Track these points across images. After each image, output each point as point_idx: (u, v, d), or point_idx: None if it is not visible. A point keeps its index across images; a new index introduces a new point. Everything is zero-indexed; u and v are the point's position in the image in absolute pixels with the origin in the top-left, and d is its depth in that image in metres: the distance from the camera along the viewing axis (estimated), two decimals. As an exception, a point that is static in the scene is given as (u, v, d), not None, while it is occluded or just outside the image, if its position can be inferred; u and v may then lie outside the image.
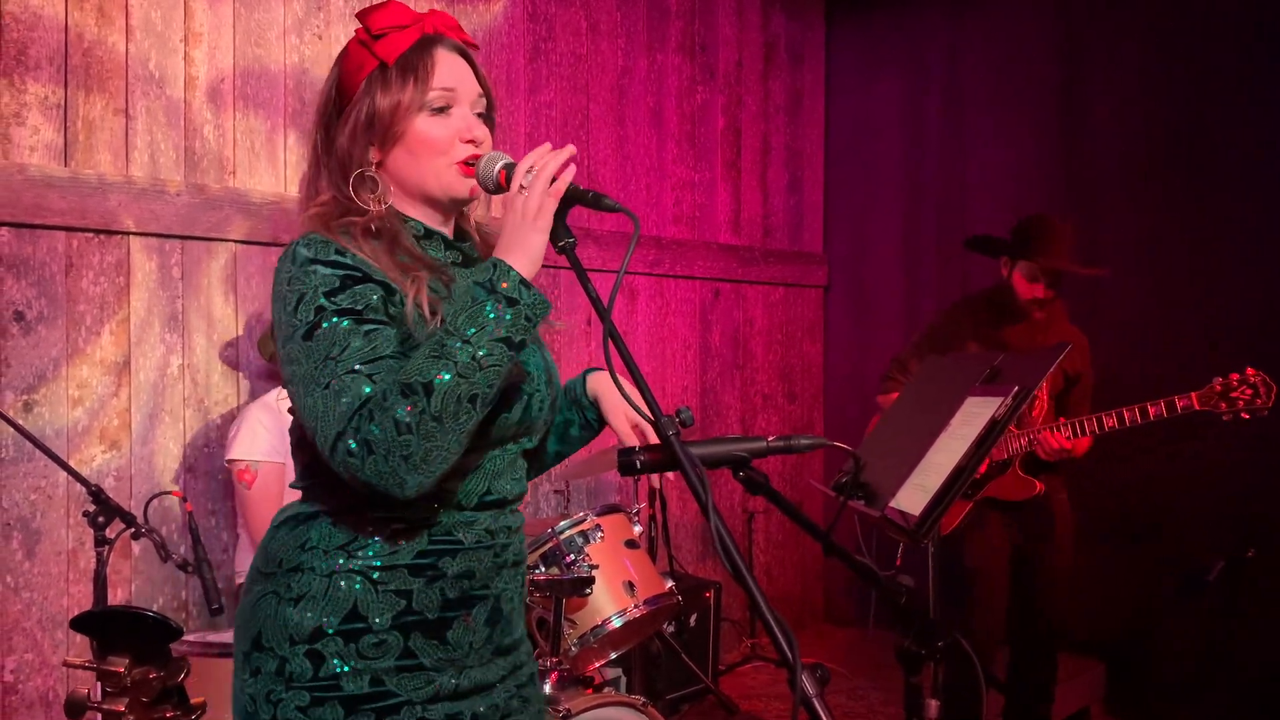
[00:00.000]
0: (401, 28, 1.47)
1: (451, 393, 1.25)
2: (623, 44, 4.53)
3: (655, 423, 1.20)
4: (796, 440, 1.25)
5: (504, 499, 1.49)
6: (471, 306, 1.29)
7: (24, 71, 2.89)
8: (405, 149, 1.46)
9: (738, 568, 1.07)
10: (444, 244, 1.52)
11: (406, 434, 1.24)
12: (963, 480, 1.56)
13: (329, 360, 1.30)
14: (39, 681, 2.91)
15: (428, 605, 1.41)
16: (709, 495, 1.12)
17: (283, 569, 1.43)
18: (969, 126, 5.02)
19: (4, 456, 2.84)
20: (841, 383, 5.45)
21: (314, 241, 1.38)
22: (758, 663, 4.62)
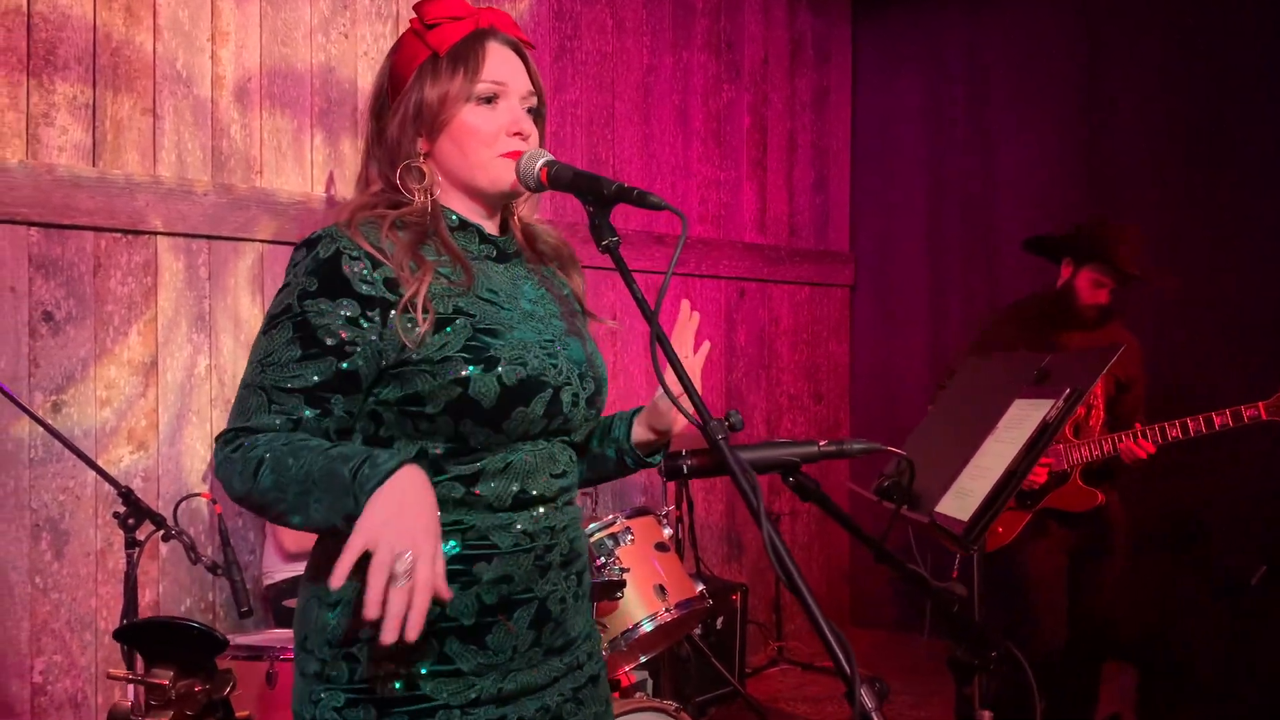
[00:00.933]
0: (456, 19, 1.47)
1: (262, 492, 1.30)
2: (648, 42, 4.50)
3: (703, 426, 1.17)
4: (849, 444, 1.21)
5: (541, 497, 1.45)
6: (345, 483, 1.24)
7: (53, 71, 2.88)
8: (451, 139, 1.45)
9: (792, 578, 1.04)
10: (479, 236, 1.50)
11: (235, 485, 1.33)
12: (1012, 485, 1.52)
13: (261, 364, 1.36)
14: (68, 683, 2.90)
15: (462, 611, 1.39)
16: (761, 503, 1.08)
17: (322, 573, 1.41)
18: (993, 123, 4.97)
19: (33, 457, 2.84)
20: (868, 382, 5.40)
21: (324, 237, 1.39)
22: (785, 665, 4.59)
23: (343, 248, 1.37)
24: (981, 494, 1.54)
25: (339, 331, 1.35)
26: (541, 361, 1.42)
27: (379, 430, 1.41)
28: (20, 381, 2.81)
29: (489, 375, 1.36)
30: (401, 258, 1.38)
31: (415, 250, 1.40)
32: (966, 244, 5.06)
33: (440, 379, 1.36)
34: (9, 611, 2.80)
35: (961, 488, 1.64)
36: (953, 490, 1.66)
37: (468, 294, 1.42)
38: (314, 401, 1.35)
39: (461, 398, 1.36)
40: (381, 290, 1.37)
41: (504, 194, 1.48)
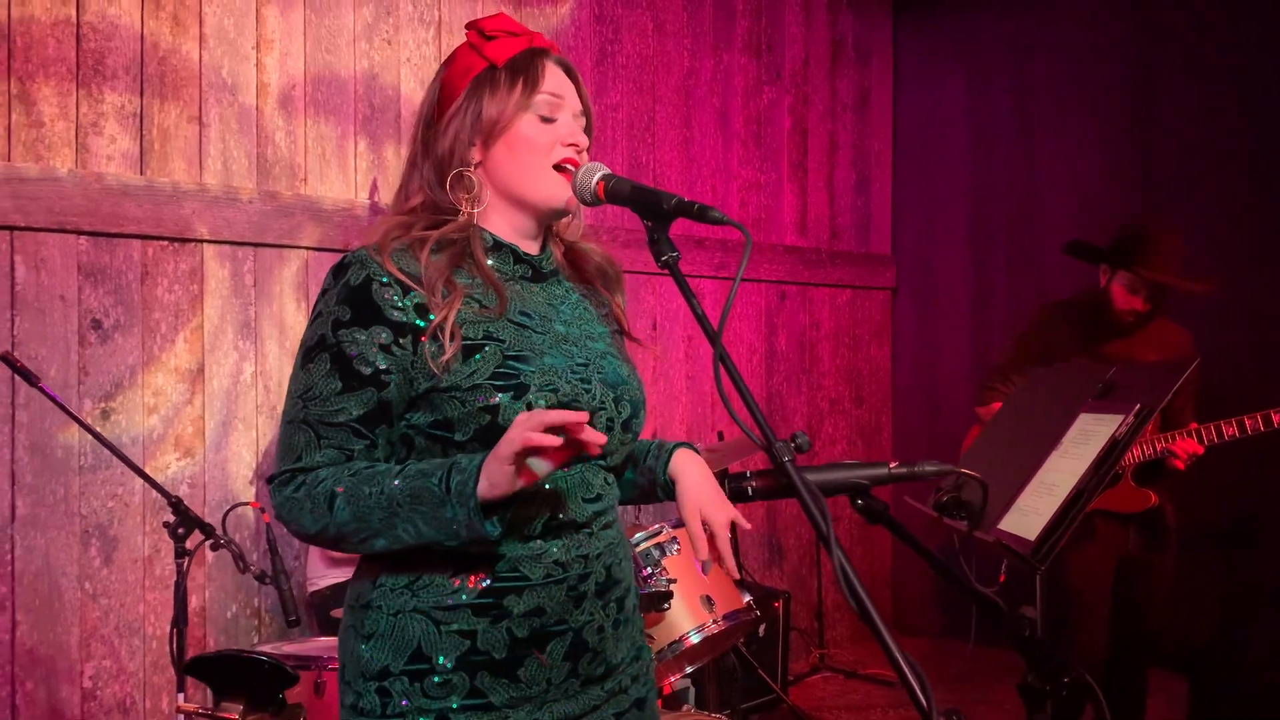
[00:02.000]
0: (513, 35, 1.47)
1: (352, 534, 1.35)
2: (689, 45, 4.47)
3: (769, 448, 1.14)
4: (921, 466, 1.18)
5: (574, 522, 1.42)
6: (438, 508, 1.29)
7: (101, 81, 2.90)
8: (506, 147, 1.44)
9: (866, 610, 1.01)
10: (514, 256, 1.48)
11: (304, 526, 1.36)
12: (1081, 504, 1.48)
13: (301, 399, 1.36)
14: (116, 688, 2.92)
15: (494, 645, 1.37)
16: (830, 527, 1.06)
17: (359, 604, 1.43)
18: (1039, 124, 4.90)
19: (83, 464, 2.86)
20: (910, 386, 5.34)
21: (350, 264, 1.39)
22: (827, 673, 4.55)
23: (372, 274, 1.37)
24: (1048, 512, 1.50)
25: (375, 360, 1.35)
26: (574, 387, 1.40)
27: (410, 454, 1.40)
28: (70, 389, 2.84)
29: (519, 403, 1.35)
30: (434, 282, 1.37)
31: (449, 275, 1.39)
32: (1011, 246, 4.99)
33: (470, 406, 1.35)
34: (59, 617, 2.82)
35: (1026, 505, 1.60)
36: (1016, 507, 1.62)
37: (499, 319, 1.40)
38: (360, 434, 1.37)
39: (491, 425, 1.34)
40: (412, 316, 1.36)
41: (554, 210, 1.47)
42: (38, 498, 2.79)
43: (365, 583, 1.43)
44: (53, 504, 2.81)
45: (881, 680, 4.44)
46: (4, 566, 2.74)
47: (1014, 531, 1.59)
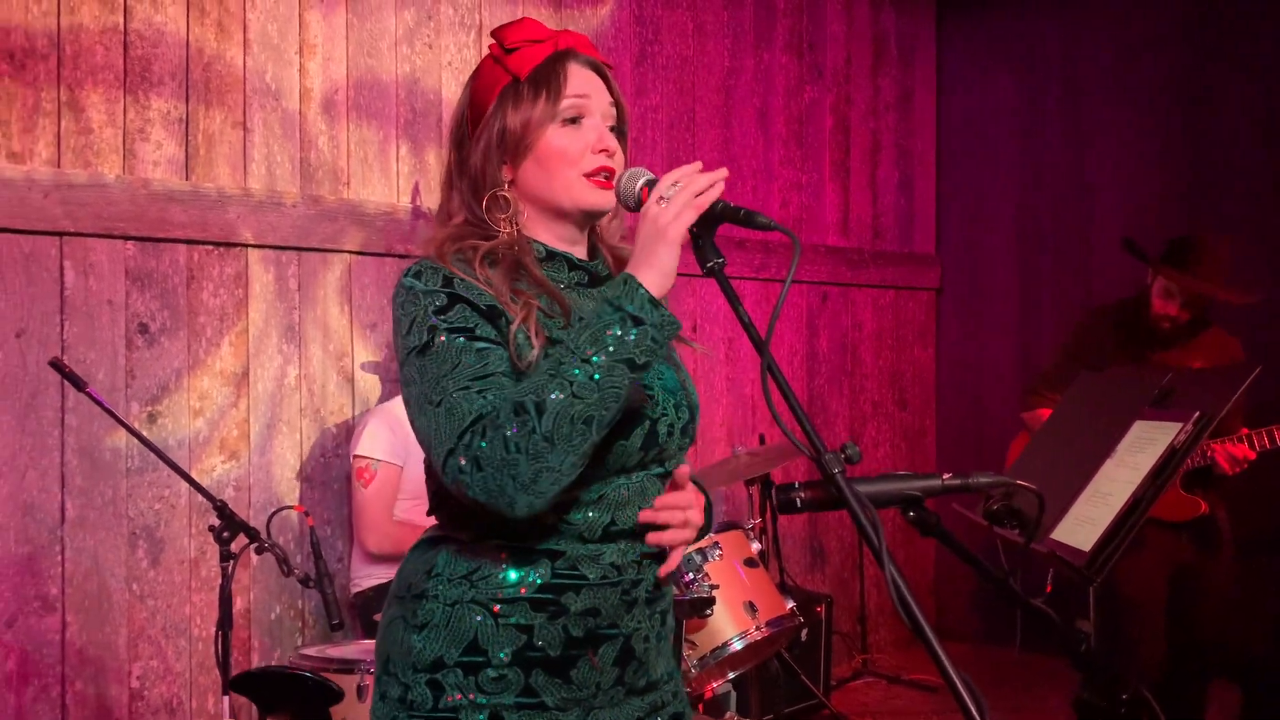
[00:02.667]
0: (535, 42, 1.44)
1: (564, 413, 1.23)
2: (729, 44, 4.45)
3: (818, 458, 1.12)
4: (975, 478, 1.15)
5: (631, 530, 1.42)
6: (595, 325, 1.27)
7: (148, 87, 2.93)
8: (536, 162, 1.43)
9: (919, 626, 0.98)
10: (567, 265, 1.47)
11: (515, 453, 1.23)
12: (1139, 514, 1.44)
13: (441, 378, 1.30)
14: (163, 689, 2.95)
15: (550, 642, 1.36)
16: (883, 541, 1.03)
17: (410, 594, 1.42)
18: (1088, 123, 4.81)
19: (130, 466, 2.89)
20: (954, 389, 5.27)
21: (424, 268, 1.38)
22: (869, 678, 4.50)
23: (447, 274, 1.36)
24: (1104, 522, 1.46)
25: (489, 333, 1.34)
26: (637, 393, 1.39)
27: None
28: (117, 392, 2.87)
29: None
30: (501, 288, 1.37)
31: (510, 285, 1.39)
32: (1059, 246, 4.91)
33: None
34: (107, 617, 2.85)
35: (1080, 514, 1.56)
36: (1070, 517, 1.58)
37: (568, 328, 1.39)
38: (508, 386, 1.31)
39: None
40: (491, 306, 1.35)
41: (590, 213, 1.46)
42: (87, 500, 2.82)
43: (418, 573, 1.42)
44: (101, 506, 2.85)
45: (925, 686, 4.38)
46: (54, 567, 2.77)
47: (1067, 542, 1.55)
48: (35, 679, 2.74)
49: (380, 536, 2.99)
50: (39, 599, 2.75)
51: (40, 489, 2.75)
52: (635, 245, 1.32)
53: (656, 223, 1.29)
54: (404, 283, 1.38)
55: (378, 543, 2.99)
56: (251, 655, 3.11)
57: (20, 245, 2.73)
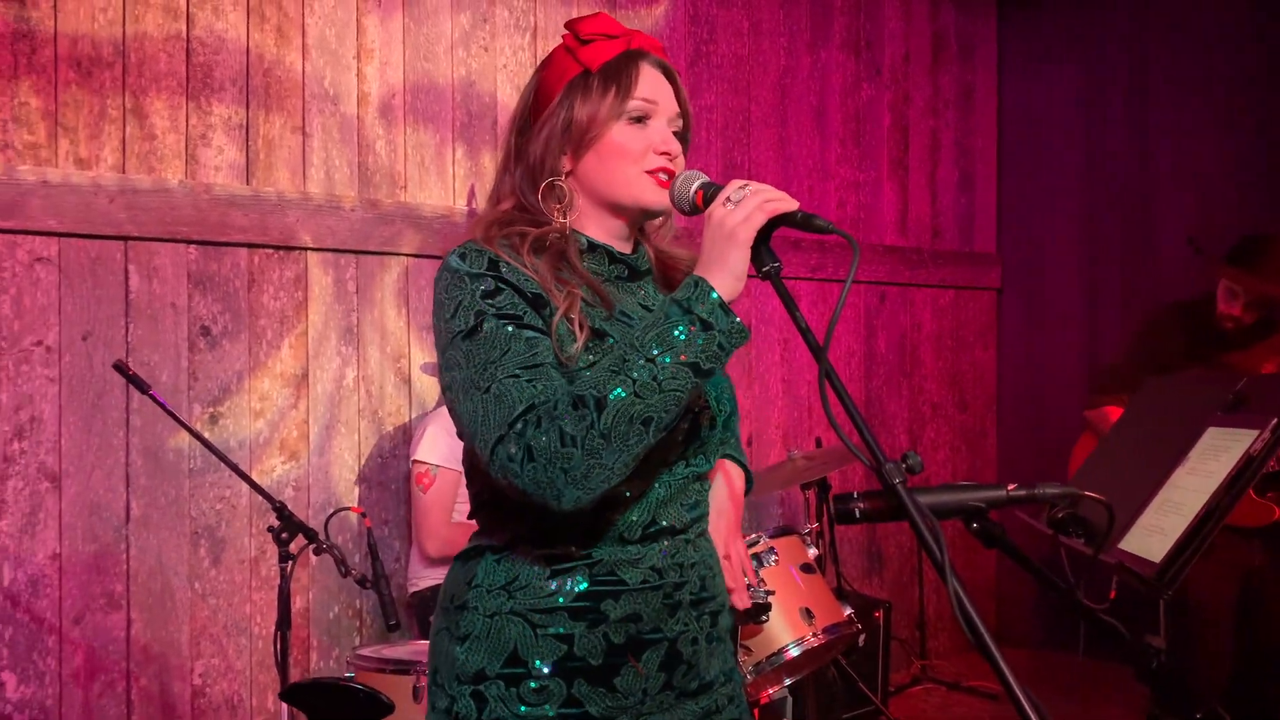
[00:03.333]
0: (609, 37, 1.43)
1: (624, 411, 1.22)
2: (784, 43, 4.41)
3: (878, 468, 1.09)
4: (1041, 489, 1.12)
5: (672, 528, 1.40)
6: (662, 324, 1.25)
7: (209, 94, 2.98)
8: (597, 156, 1.42)
9: (983, 641, 0.95)
10: (608, 257, 1.46)
11: (570, 446, 1.21)
12: (1212, 523, 1.39)
13: (490, 364, 1.28)
14: (224, 686, 3.00)
15: (590, 651, 1.34)
16: (945, 554, 1.00)
17: (454, 605, 1.41)
18: (1155, 119, 4.69)
19: (192, 467, 2.94)
20: (1016, 390, 5.17)
21: (469, 251, 1.36)
22: (928, 685, 4.43)
23: (493, 257, 1.34)
24: (1176, 532, 1.42)
25: (535, 321, 1.31)
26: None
27: None
28: (180, 394, 2.92)
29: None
30: (546, 275, 1.35)
31: (555, 270, 1.37)
32: (1124, 245, 4.79)
33: None
34: (171, 615, 2.90)
35: (1150, 524, 1.51)
36: (1139, 526, 1.53)
37: (609, 319, 1.39)
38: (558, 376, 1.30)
39: None
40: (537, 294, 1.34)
41: (645, 211, 1.44)
42: (150, 500, 2.88)
43: (459, 584, 1.42)
44: (164, 505, 2.90)
45: (985, 693, 4.31)
46: (120, 565, 2.83)
47: (1137, 552, 1.50)
48: (102, 674, 2.80)
49: (440, 541, 3.00)
50: (105, 596, 2.81)
51: (106, 489, 2.81)
52: (702, 249, 1.31)
53: (724, 225, 1.27)
54: (449, 264, 1.36)
55: (438, 547, 3.00)
56: (310, 654, 3.15)
57: (87, 250, 2.79)
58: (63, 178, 2.72)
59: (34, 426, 2.71)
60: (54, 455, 2.74)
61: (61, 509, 2.74)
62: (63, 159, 2.75)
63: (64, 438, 2.75)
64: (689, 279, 1.28)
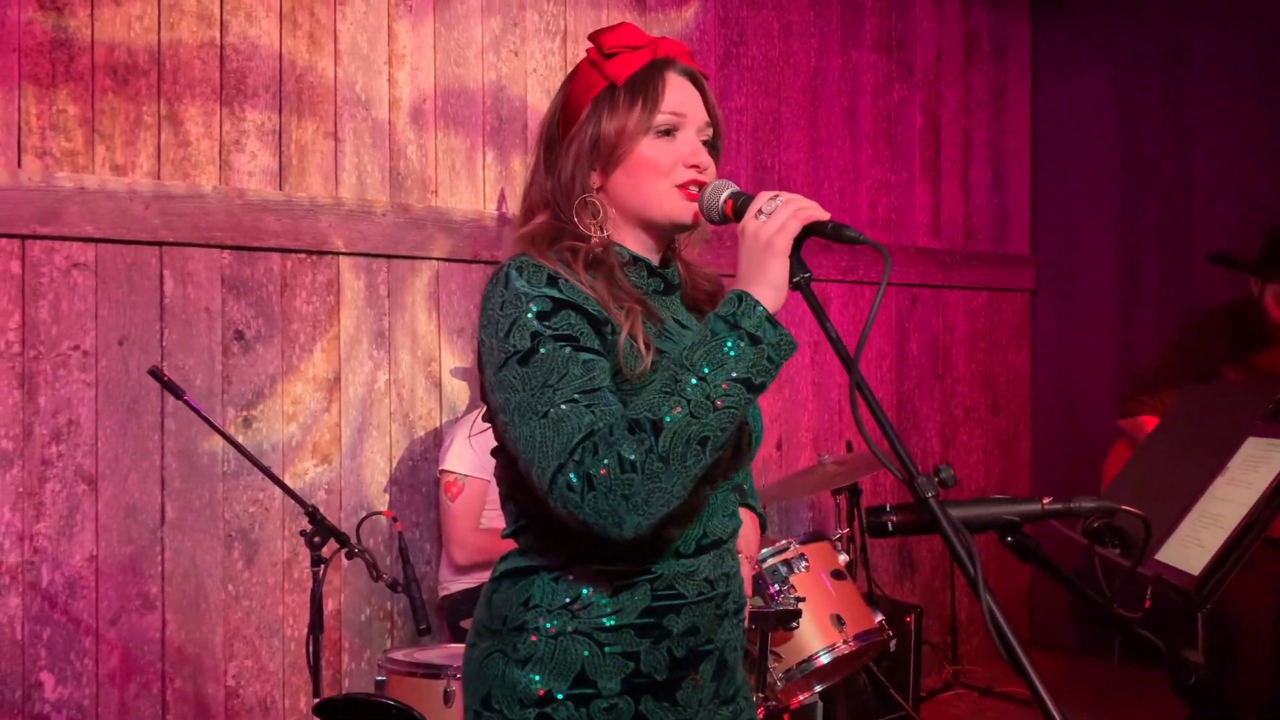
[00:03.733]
0: (634, 49, 1.42)
1: (681, 433, 1.21)
2: (815, 44, 4.38)
3: (910, 482, 1.08)
4: (1077, 502, 1.10)
5: (719, 539, 1.42)
6: (710, 341, 1.24)
7: (243, 100, 3.00)
8: (626, 172, 1.41)
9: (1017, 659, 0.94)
10: (647, 270, 1.45)
11: (630, 472, 1.20)
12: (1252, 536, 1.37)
13: (547, 388, 1.25)
14: (257, 687, 3.02)
15: (656, 666, 1.35)
16: (979, 571, 0.99)
17: (508, 627, 1.38)
18: (1193, 119, 4.62)
19: (226, 470, 2.97)
20: (1050, 393, 5.12)
21: (526, 265, 1.33)
22: (960, 690, 4.40)
23: (552, 274, 1.32)
24: (1214, 545, 1.39)
25: (594, 343, 1.30)
26: None
27: None
28: (214, 398, 2.94)
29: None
30: (604, 294, 1.34)
31: (610, 287, 1.36)
32: (1161, 246, 4.73)
33: None
34: (205, 617, 2.93)
35: (1187, 535, 1.49)
36: (1176, 537, 1.51)
37: (660, 334, 1.38)
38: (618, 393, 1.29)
39: None
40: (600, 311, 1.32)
41: (680, 225, 1.43)
42: (185, 502, 2.91)
43: (512, 605, 1.38)
44: (199, 508, 2.93)
45: (1018, 699, 4.27)
46: (155, 567, 2.86)
47: (1174, 564, 1.48)
48: (138, 675, 2.83)
49: (469, 550, 3.01)
50: (140, 598, 2.84)
51: (141, 491, 2.84)
52: (739, 263, 1.29)
53: (759, 237, 1.27)
54: (508, 279, 1.32)
55: (466, 555, 3.01)
56: (342, 656, 3.17)
57: (123, 255, 2.82)
58: (99, 184, 2.76)
59: (71, 430, 2.75)
60: (91, 458, 2.77)
61: (98, 511, 2.78)
62: (99, 165, 2.79)
63: (100, 441, 2.78)
64: (731, 294, 1.27)
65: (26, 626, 2.68)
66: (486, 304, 1.34)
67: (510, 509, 1.44)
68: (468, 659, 1.44)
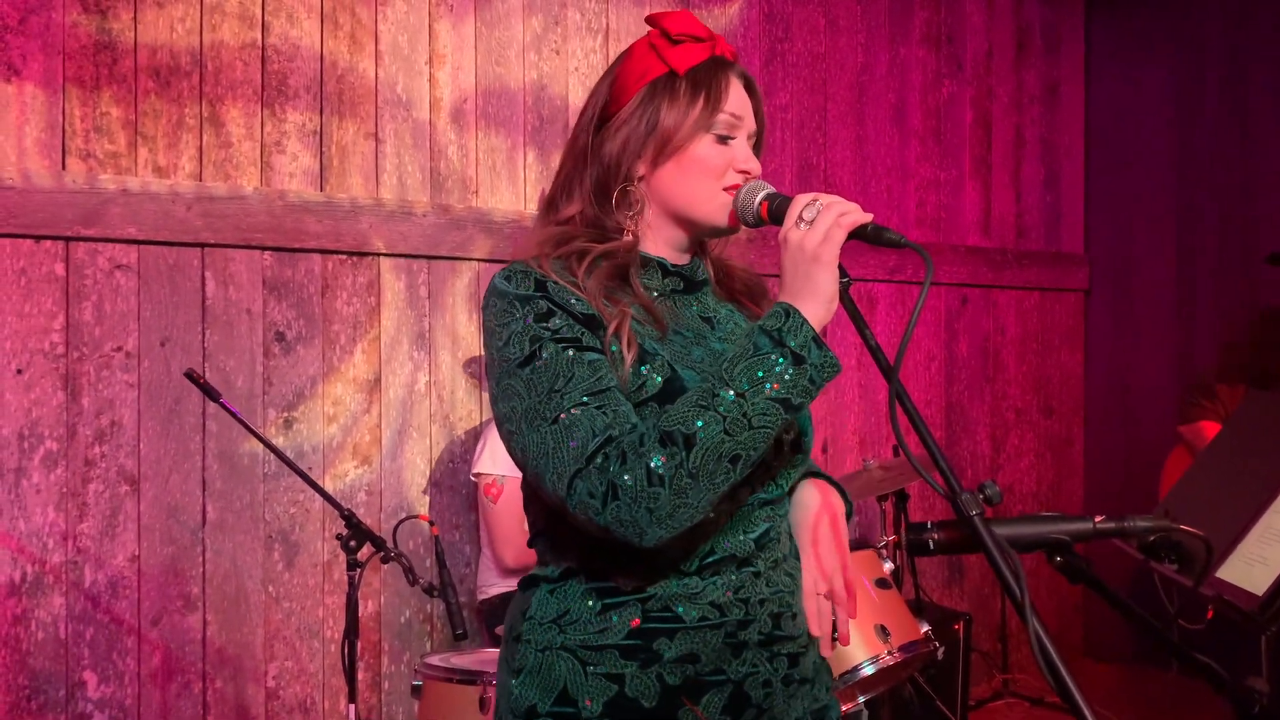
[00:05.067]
0: (698, 40, 1.37)
1: (713, 449, 1.17)
2: (862, 39, 4.31)
3: (953, 498, 1.03)
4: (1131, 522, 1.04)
5: (734, 557, 1.31)
6: (752, 356, 1.19)
7: (284, 101, 3.00)
8: (678, 166, 1.35)
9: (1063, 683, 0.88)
10: (661, 271, 1.39)
11: (657, 486, 1.17)
12: (1320, 557, 1.29)
13: (554, 393, 1.22)
14: (298, 689, 3.02)
15: (643, 693, 1.28)
16: (1026, 592, 0.93)
17: (510, 636, 1.38)
18: (1255, 115, 4.47)
19: (266, 471, 2.97)
20: (1104, 396, 4.98)
21: (515, 273, 1.30)
22: (1010, 699, 4.30)
23: (539, 278, 1.28)
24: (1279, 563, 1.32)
25: (592, 341, 1.26)
26: None
27: None
28: (255, 399, 2.95)
29: None
30: (594, 295, 1.29)
31: (606, 290, 1.31)
32: (1221, 245, 4.58)
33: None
34: (245, 618, 2.94)
35: (1250, 553, 1.41)
36: (1238, 554, 1.43)
37: (663, 340, 1.33)
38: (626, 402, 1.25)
39: None
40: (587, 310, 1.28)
41: (717, 229, 1.39)
42: (226, 503, 2.91)
43: (516, 615, 1.38)
44: (239, 509, 2.93)
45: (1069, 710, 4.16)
46: (196, 568, 2.87)
47: (1237, 583, 1.40)
48: (179, 675, 2.84)
49: (519, 549, 2.95)
50: (181, 598, 2.85)
51: (183, 492, 2.85)
52: (783, 274, 1.24)
53: (804, 248, 1.21)
54: (495, 288, 1.30)
55: (515, 555, 2.96)
56: (382, 658, 3.16)
57: (165, 256, 2.83)
58: (142, 186, 2.77)
59: (114, 431, 2.76)
60: (133, 459, 2.79)
61: (140, 512, 2.79)
62: (142, 167, 2.80)
63: (143, 442, 2.80)
64: (778, 307, 1.22)
65: (70, 626, 2.70)
66: (485, 315, 1.32)
67: (529, 513, 1.42)
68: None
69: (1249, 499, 1.48)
